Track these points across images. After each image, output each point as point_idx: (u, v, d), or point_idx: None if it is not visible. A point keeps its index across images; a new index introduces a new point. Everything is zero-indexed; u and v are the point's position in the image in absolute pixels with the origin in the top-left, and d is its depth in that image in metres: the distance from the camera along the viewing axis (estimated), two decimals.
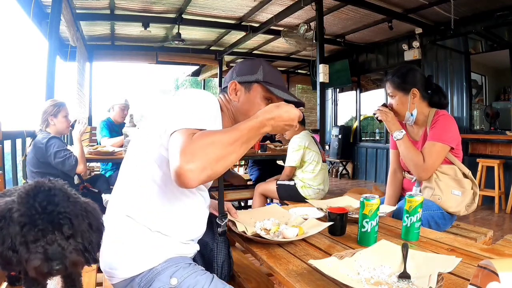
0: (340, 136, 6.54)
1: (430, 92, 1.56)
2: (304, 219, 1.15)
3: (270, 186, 2.71)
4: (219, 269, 1.02)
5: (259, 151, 3.17)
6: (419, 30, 4.78)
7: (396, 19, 4.62)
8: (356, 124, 6.75)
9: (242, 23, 5.18)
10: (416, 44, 4.85)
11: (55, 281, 0.91)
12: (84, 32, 5.18)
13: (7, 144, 1.94)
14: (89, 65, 5.97)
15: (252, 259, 1.17)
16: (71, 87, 4.52)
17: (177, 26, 4.92)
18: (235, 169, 5.83)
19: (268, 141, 3.75)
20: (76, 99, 4.51)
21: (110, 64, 8.06)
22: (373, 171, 6.21)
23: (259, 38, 5.81)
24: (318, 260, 0.75)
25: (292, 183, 2.63)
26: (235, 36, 5.82)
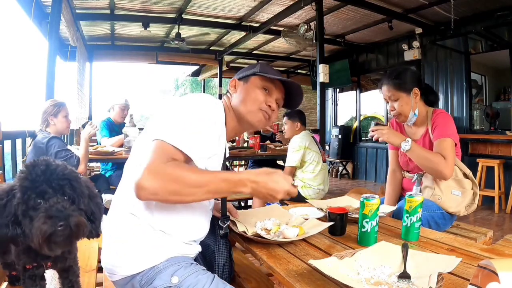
0: (340, 136, 6.54)
1: (424, 90, 1.57)
2: (305, 219, 1.15)
3: None
4: (220, 271, 1.03)
5: (259, 151, 3.17)
6: (419, 30, 4.78)
7: (396, 19, 4.62)
8: (356, 124, 6.74)
9: (242, 23, 5.18)
10: (416, 44, 4.85)
11: (54, 281, 0.91)
12: (84, 32, 5.18)
13: (7, 144, 1.94)
14: (89, 65, 5.97)
15: (252, 259, 1.18)
16: (71, 87, 4.52)
17: (177, 26, 4.92)
18: (235, 169, 5.83)
19: (268, 141, 3.75)
20: (76, 99, 4.51)
21: (110, 64, 8.05)
22: (373, 171, 6.21)
23: (259, 38, 5.81)
24: (318, 260, 0.75)
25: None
26: (235, 36, 5.82)
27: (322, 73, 4.04)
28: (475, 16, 4.30)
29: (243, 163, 5.85)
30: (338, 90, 7.22)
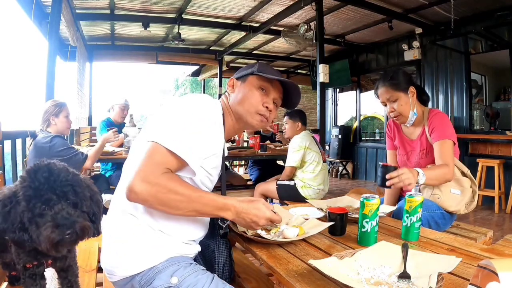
0: (340, 136, 6.54)
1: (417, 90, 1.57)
2: (305, 219, 1.15)
3: (270, 186, 2.71)
4: (220, 271, 1.02)
5: (259, 151, 3.17)
6: (419, 30, 4.78)
7: (396, 19, 4.62)
8: (356, 124, 6.74)
9: (242, 23, 5.18)
10: (416, 44, 4.85)
11: (54, 281, 0.91)
12: (84, 32, 5.18)
13: (7, 144, 1.94)
14: (89, 65, 5.96)
15: (252, 259, 1.17)
16: (71, 87, 4.53)
17: (177, 26, 4.92)
18: (235, 169, 5.83)
19: (268, 141, 3.75)
20: (76, 99, 4.51)
21: (110, 64, 8.05)
22: (373, 171, 6.20)
23: (259, 38, 5.81)
24: (318, 260, 0.75)
25: (292, 183, 2.63)
26: (235, 36, 5.82)
27: (322, 73, 4.04)
28: (475, 16, 4.30)
29: (243, 163, 5.85)
30: (338, 90, 7.22)
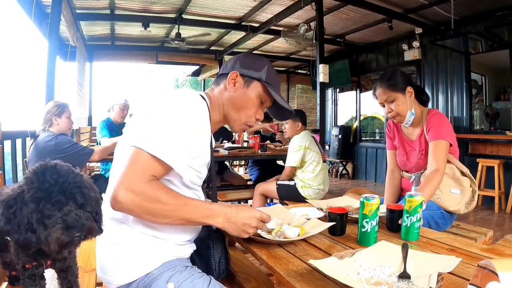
0: (340, 136, 6.54)
1: (416, 90, 1.57)
2: (307, 219, 1.14)
3: (270, 186, 2.71)
4: (217, 265, 1.01)
5: (259, 151, 3.17)
6: (419, 30, 4.78)
7: (396, 19, 4.62)
8: (356, 124, 6.74)
9: (242, 23, 5.18)
10: (416, 44, 4.85)
11: (54, 281, 0.91)
12: (84, 32, 5.18)
13: (7, 144, 1.94)
14: (89, 65, 5.97)
15: (252, 259, 1.17)
16: (71, 87, 4.53)
17: (177, 26, 4.92)
18: (235, 169, 5.83)
19: (268, 141, 3.75)
20: (76, 99, 4.51)
21: (110, 64, 8.05)
22: (373, 171, 6.21)
23: (259, 38, 5.81)
24: (318, 260, 0.75)
25: (292, 183, 2.63)
26: (235, 36, 5.82)
27: (322, 73, 4.04)
28: (475, 16, 4.30)
29: (243, 163, 5.85)
30: (338, 90, 7.22)
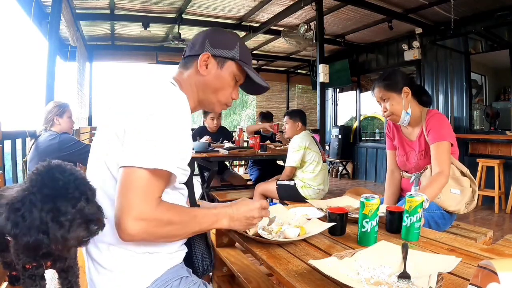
0: (340, 136, 6.54)
1: (416, 91, 1.57)
2: (307, 219, 1.14)
3: (270, 186, 2.71)
4: (200, 263, 0.97)
5: (259, 151, 3.17)
6: (419, 30, 4.77)
7: (396, 19, 4.62)
8: (356, 124, 6.74)
9: (242, 23, 5.18)
10: (416, 44, 4.85)
11: (54, 281, 0.91)
12: (84, 32, 5.18)
13: (7, 144, 1.94)
14: (89, 65, 5.97)
15: (252, 259, 1.17)
16: (71, 87, 4.53)
17: (177, 26, 4.92)
18: (235, 169, 5.83)
19: (268, 141, 3.75)
20: (76, 99, 4.51)
21: (110, 64, 8.04)
22: (373, 171, 6.21)
23: (259, 38, 5.81)
24: (318, 260, 0.75)
25: (292, 183, 2.63)
26: None
27: (322, 73, 4.04)
28: (475, 16, 4.30)
29: (243, 163, 5.85)
30: (338, 90, 7.22)
